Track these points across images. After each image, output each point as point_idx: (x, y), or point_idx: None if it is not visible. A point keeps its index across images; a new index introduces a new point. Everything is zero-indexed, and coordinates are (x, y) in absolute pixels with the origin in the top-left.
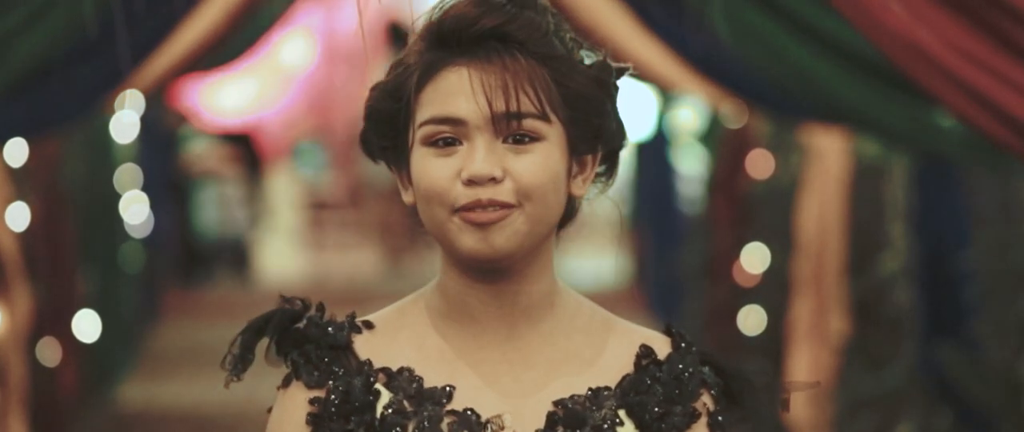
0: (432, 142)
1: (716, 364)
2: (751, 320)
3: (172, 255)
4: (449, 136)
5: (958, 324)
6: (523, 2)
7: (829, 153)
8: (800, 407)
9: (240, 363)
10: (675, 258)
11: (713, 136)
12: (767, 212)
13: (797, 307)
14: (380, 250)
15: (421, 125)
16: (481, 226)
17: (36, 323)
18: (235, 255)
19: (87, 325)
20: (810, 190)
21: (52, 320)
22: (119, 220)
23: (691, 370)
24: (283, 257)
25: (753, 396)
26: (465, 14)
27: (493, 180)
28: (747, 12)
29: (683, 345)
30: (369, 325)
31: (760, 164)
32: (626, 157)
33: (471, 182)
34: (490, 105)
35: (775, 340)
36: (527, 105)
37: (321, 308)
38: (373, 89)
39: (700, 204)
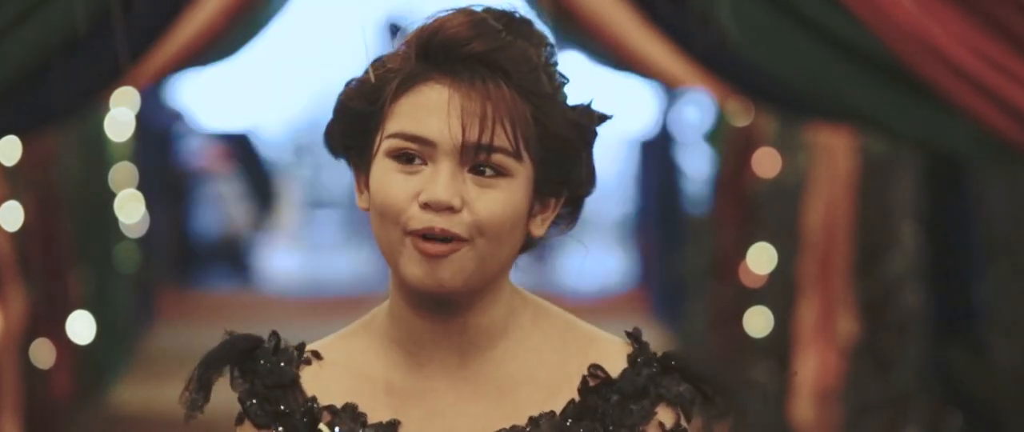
0: (396, 156)
1: (682, 369)
2: (757, 321)
3: (169, 255)
4: (414, 153)
5: (968, 325)
6: (519, 30)
7: (837, 151)
8: (807, 409)
9: (198, 398)
10: (679, 258)
11: (718, 134)
12: (773, 211)
13: (804, 308)
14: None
15: (389, 136)
16: (430, 258)
17: (29, 324)
18: (233, 255)
19: (81, 326)
20: (817, 189)
21: (46, 321)
22: (114, 219)
23: (644, 389)
24: (282, 257)
25: (724, 396)
26: (458, 33)
27: (450, 209)
28: (754, 8)
29: (640, 359)
30: (318, 356)
31: (766, 162)
32: (631, 155)
33: (428, 206)
34: (463, 133)
35: (782, 342)
36: (501, 140)
37: (274, 337)
38: (348, 84)
39: (705, 203)
